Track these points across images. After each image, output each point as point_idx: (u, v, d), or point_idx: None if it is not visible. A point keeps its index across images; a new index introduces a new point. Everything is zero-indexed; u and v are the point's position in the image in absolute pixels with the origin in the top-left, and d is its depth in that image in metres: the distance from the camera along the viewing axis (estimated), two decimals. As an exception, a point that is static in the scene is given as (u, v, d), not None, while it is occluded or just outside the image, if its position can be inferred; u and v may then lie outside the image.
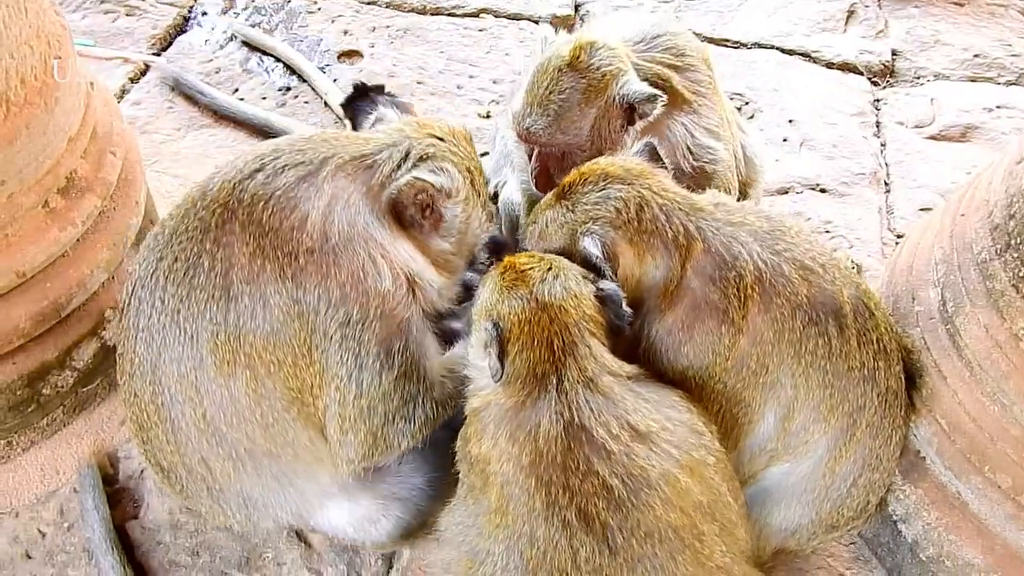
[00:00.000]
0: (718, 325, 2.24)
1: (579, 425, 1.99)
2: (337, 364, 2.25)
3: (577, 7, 4.88)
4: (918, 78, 4.67)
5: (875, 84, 4.64)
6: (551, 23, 4.73)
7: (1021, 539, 2.44)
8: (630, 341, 2.31)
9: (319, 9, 4.68)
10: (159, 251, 2.28)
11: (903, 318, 2.71)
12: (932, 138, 4.33)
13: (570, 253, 2.33)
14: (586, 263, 2.28)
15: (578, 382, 2.05)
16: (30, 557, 2.76)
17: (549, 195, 2.48)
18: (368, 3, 4.77)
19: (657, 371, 2.29)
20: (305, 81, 4.27)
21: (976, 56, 4.74)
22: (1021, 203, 2.35)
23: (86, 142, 2.74)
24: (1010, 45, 4.80)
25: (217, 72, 4.30)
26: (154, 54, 4.40)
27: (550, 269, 2.19)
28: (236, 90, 4.24)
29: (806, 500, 2.45)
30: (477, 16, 4.77)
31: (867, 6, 5.01)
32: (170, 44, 4.52)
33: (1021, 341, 2.31)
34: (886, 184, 4.14)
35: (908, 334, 2.66)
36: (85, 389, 2.98)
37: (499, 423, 2.07)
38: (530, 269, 2.19)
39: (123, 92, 4.27)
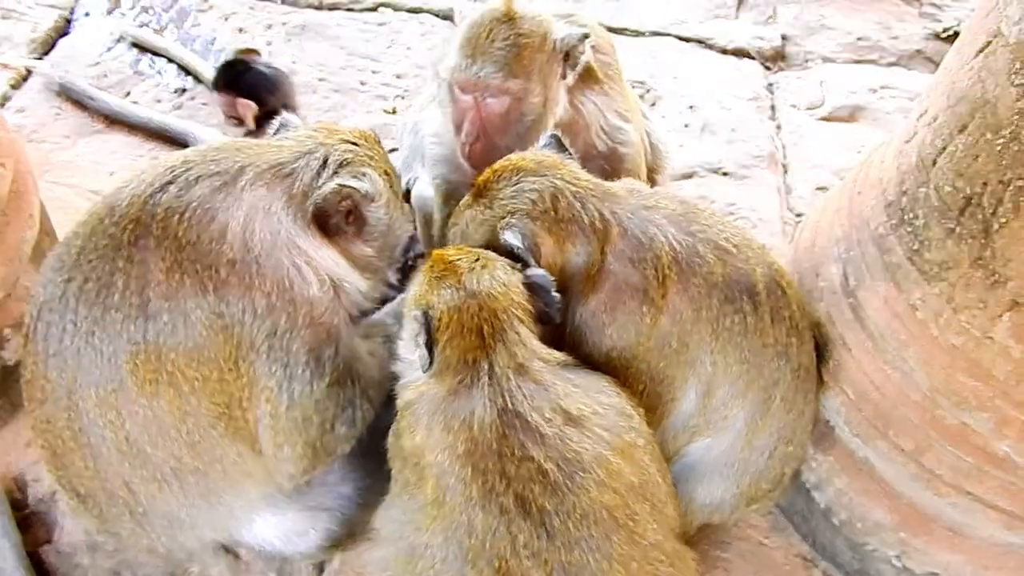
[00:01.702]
0: (639, 305, 2.30)
1: (513, 411, 2.01)
2: (266, 376, 2.20)
3: None
4: (807, 62, 4.87)
5: (767, 68, 4.81)
6: (450, 16, 4.71)
7: (924, 497, 2.59)
8: (555, 328, 2.34)
9: (211, 7, 4.54)
10: (66, 272, 2.17)
11: (808, 294, 2.83)
12: (823, 119, 4.52)
13: (494, 249, 2.35)
14: (510, 256, 2.30)
15: (509, 368, 2.07)
16: (-66, 592, 2.62)
17: (467, 196, 2.49)
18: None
19: (583, 355, 2.33)
20: (201, 82, 4.13)
21: (859, 39, 4.97)
22: (911, 180, 2.48)
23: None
24: (889, 28, 5.05)
25: (106, 76, 4.13)
26: (36, 58, 4.19)
27: (477, 260, 2.20)
28: (128, 93, 4.08)
29: (727, 474, 2.54)
30: (375, 11, 4.72)
31: (757, -9, 5.19)
32: (52, 47, 4.31)
33: (917, 311, 2.44)
34: (783, 165, 4.30)
35: (814, 309, 2.78)
36: (-15, 413, 2.83)
37: (433, 413, 2.07)
38: (458, 260, 2.19)
39: (4, 99, 4.05)
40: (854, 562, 2.89)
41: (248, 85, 3.78)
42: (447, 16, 4.74)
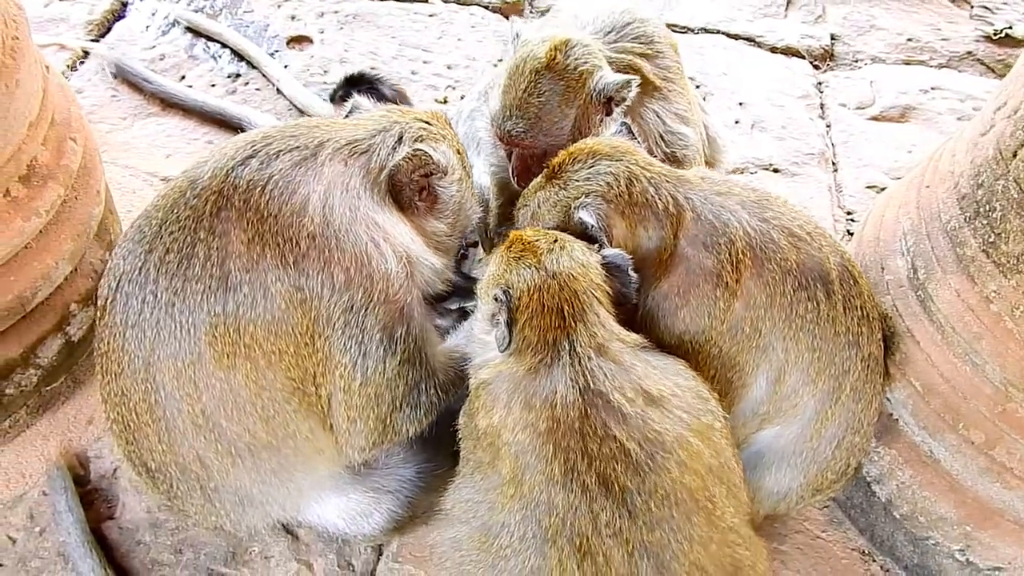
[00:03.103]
0: (713, 289, 2.29)
1: (595, 391, 2.00)
2: (341, 351, 2.21)
3: (525, -8, 4.90)
4: (856, 61, 4.85)
5: (816, 68, 4.79)
6: (500, 10, 4.73)
7: (992, 491, 2.57)
8: (627, 312, 2.33)
9: (264, -6, 4.58)
10: (147, 243, 2.19)
11: (873, 287, 2.81)
12: (873, 119, 4.50)
13: (565, 231, 2.34)
14: (583, 238, 2.30)
15: (590, 348, 2.07)
16: (1, 564, 2.63)
17: (538, 178, 2.48)
18: (315, -12, 4.68)
19: (654, 339, 2.32)
20: (255, 68, 4.16)
21: (909, 40, 4.94)
22: (988, 173, 2.46)
23: (46, 128, 2.62)
24: (940, 29, 5.02)
25: (162, 59, 4.16)
26: (92, 40, 4.22)
27: (556, 241, 2.20)
28: (183, 77, 4.11)
29: (795, 463, 2.53)
30: (426, 2, 4.73)
31: (807, -9, 5.17)
32: (108, 30, 4.34)
33: (992, 304, 2.42)
34: (833, 164, 4.28)
35: (880, 302, 2.76)
36: (49, 388, 2.85)
37: (512, 392, 2.06)
38: (536, 241, 2.19)
39: (61, 81, 4.08)
40: (914, 556, 2.87)
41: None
42: (497, 9, 4.75)
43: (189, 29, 4.28)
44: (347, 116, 2.60)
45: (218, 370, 2.16)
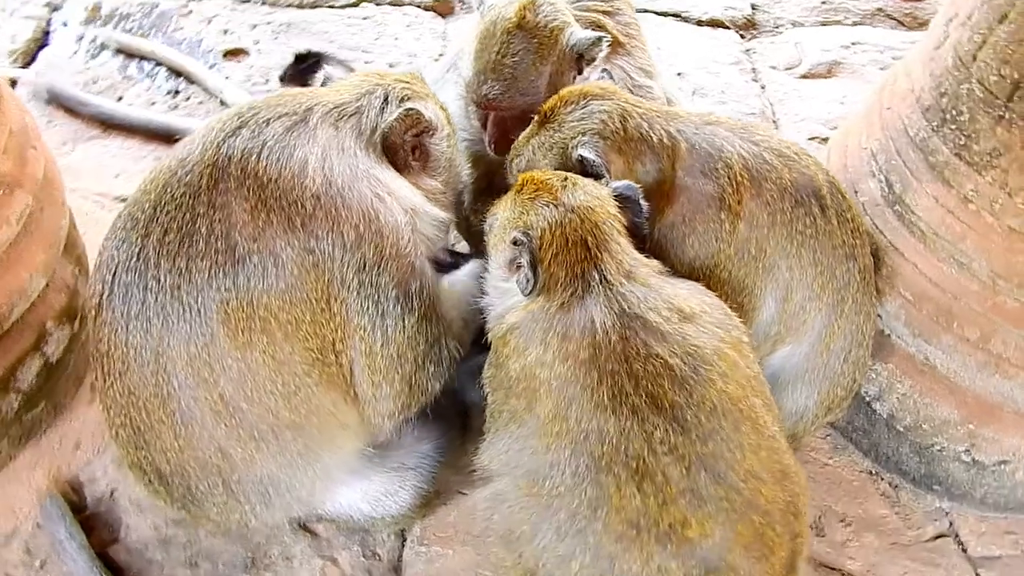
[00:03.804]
0: (717, 212, 2.33)
1: (632, 313, 2.01)
2: (359, 313, 2.16)
3: (455, -12, 4.94)
4: (778, 27, 5.03)
5: (742, 36, 4.96)
6: (433, 8, 4.76)
7: (991, 385, 2.67)
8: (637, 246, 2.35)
9: (191, 11, 4.48)
10: (141, 228, 2.10)
11: (850, 211, 2.91)
12: (803, 77, 4.67)
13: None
14: (583, 176, 2.31)
15: (620, 275, 2.08)
16: (6, 602, 2.47)
17: (531, 126, 2.49)
18: (243, 1, 4.61)
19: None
20: (194, 82, 4.06)
21: (823, 3, 5.17)
22: (950, 81, 2.59)
23: (6, 137, 2.50)
24: (850, -10, 5.28)
25: (95, 82, 4.02)
26: (19, 68, 4.06)
27: (567, 178, 2.21)
28: (120, 98, 3.98)
29: (809, 380, 2.58)
30: (357, 6, 4.72)
31: (723, -36, 5.35)
32: (34, 58, 4.18)
33: (970, 203, 2.54)
34: (774, 121, 4.42)
35: (860, 223, 2.86)
36: (30, 415, 2.69)
37: (547, 329, 2.05)
38: (549, 180, 2.20)
39: (-11, 114, 3.90)
40: (920, 467, 2.95)
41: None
42: (430, 7, 4.77)
43: (120, 50, 4.16)
44: (321, 86, 2.56)
45: (234, 349, 2.08)
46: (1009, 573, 2.86)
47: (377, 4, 4.75)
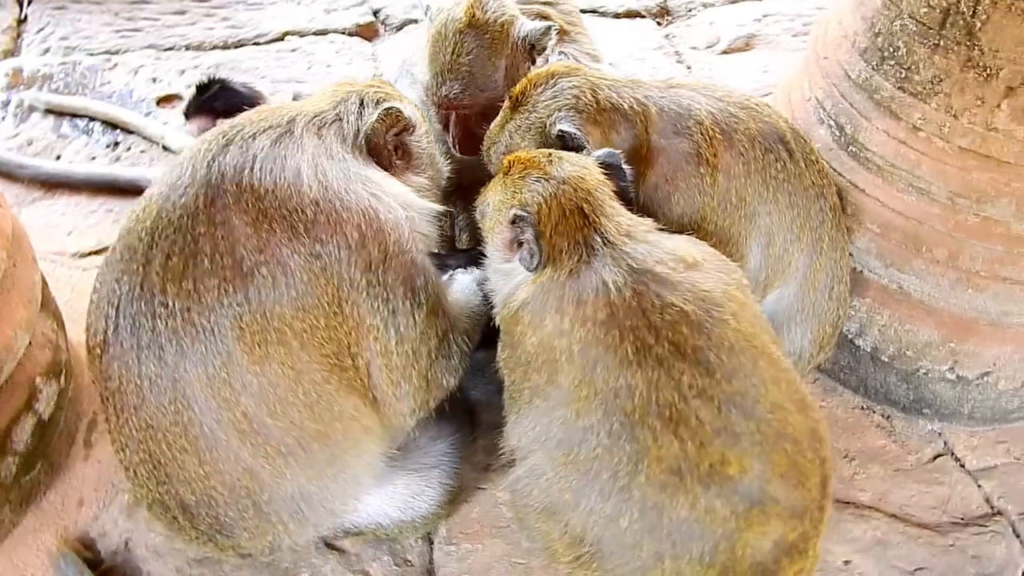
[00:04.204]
0: (696, 167, 2.43)
1: (640, 268, 2.06)
2: (371, 313, 2.17)
3: (376, 13, 4.97)
4: (691, 11, 5.23)
5: (659, 23, 5.13)
6: (357, 33, 4.80)
7: (965, 300, 2.81)
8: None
9: (115, 64, 4.40)
10: (141, 257, 2.07)
11: (805, 159, 3.04)
12: (724, 53, 4.86)
13: None
14: (565, 150, 2.37)
15: (621, 235, 2.13)
16: (36, 669, 2.37)
17: (501, 112, 2.54)
18: (167, 49, 4.56)
19: (655, 230, 2.42)
20: (132, 132, 4.00)
21: (729, -17, 5.40)
22: (882, 20, 2.75)
23: (-30, 196, 2.44)
24: (750, -32, 5.51)
25: (29, 144, 3.91)
26: (-54, 143, 3.93)
27: (550, 154, 2.26)
28: (59, 156, 3.88)
29: (800, 319, 2.69)
30: (282, 40, 4.72)
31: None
32: (-41, 130, 4.05)
33: (920, 131, 2.69)
34: (705, 97, 4.57)
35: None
36: (28, 477, 2.59)
37: (560, 297, 2.09)
38: (534, 157, 2.25)
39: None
40: (909, 393, 3.08)
41: (227, 105, 3.57)
42: (354, 33, 4.80)
43: (50, 110, 4.06)
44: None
45: (252, 364, 2.06)
46: (1007, 480, 3.01)
47: (301, 36, 4.76)
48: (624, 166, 2.29)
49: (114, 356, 2.10)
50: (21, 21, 4.69)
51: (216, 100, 3.49)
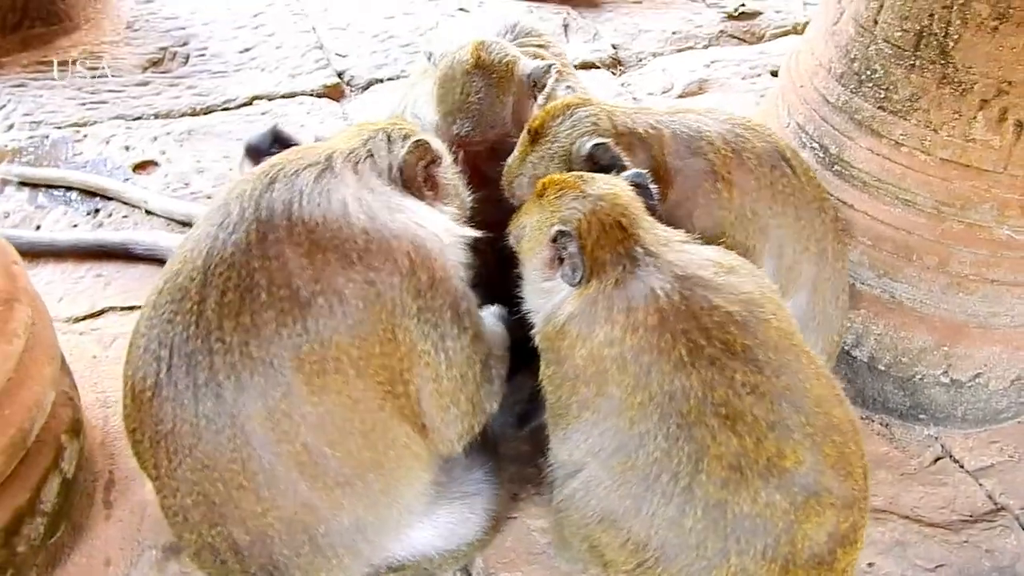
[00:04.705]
0: (713, 184, 2.55)
1: (685, 274, 2.15)
2: (422, 339, 2.20)
3: (340, 74, 5.07)
4: (641, 60, 5.48)
5: (614, 73, 5.35)
6: (325, 94, 4.87)
7: (955, 304, 2.98)
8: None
9: (85, 136, 4.36)
10: (194, 295, 2.08)
11: (792, 182, 3.21)
12: (680, 97, 5.09)
13: None
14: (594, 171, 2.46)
15: (660, 245, 2.22)
16: None
17: (519, 146, 2.64)
18: (135, 119, 4.54)
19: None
20: (112, 198, 3.95)
21: (674, 33, 5.68)
22: (857, 47, 2.97)
23: (-12, 255, 2.40)
24: (691, 20, 5.83)
25: (6, 216, 3.83)
26: (-82, 219, 3.81)
27: (581, 176, 2.35)
28: (38, 227, 3.81)
29: (812, 328, 2.80)
30: (250, 104, 4.76)
31: (575, 19, 5.77)
32: (-71, 207, 3.94)
33: (903, 146, 2.89)
34: (668, 139, 4.78)
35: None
36: (53, 539, 2.49)
37: (609, 306, 2.15)
38: (567, 179, 2.33)
39: None
40: (906, 400, 3.22)
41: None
42: (322, 94, 4.88)
43: (24, 183, 3.99)
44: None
45: (311, 395, 2.07)
46: (1005, 477, 3.17)
47: (270, 99, 4.80)
48: (651, 186, 2.39)
49: (167, 398, 2.07)
50: (-21, 100, 4.62)
51: (272, 146, 3.47)
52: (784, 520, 2.06)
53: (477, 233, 2.40)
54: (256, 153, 2.96)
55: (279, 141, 2.90)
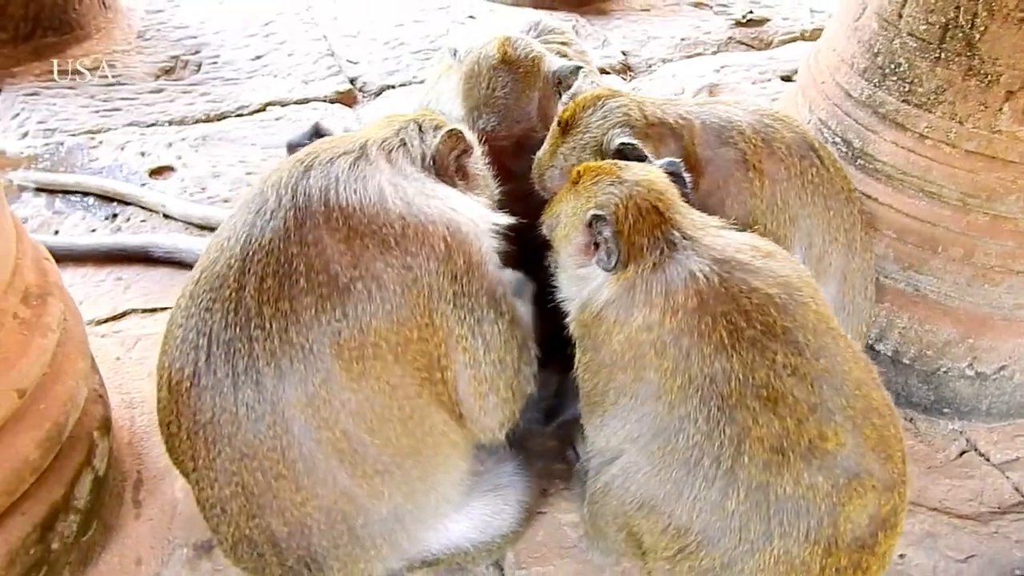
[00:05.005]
0: (744, 173, 2.56)
1: (723, 258, 2.15)
2: (459, 324, 2.19)
3: (352, 81, 5.09)
4: (651, 66, 5.51)
5: (624, 79, 5.38)
6: (337, 100, 4.89)
7: (980, 296, 2.99)
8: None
9: (100, 142, 4.37)
10: (232, 283, 2.07)
11: (814, 176, 3.23)
12: (692, 101, 5.12)
13: None
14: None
15: (697, 229, 2.23)
16: None
17: (550, 138, 2.65)
18: (150, 125, 4.55)
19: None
20: (129, 203, 3.95)
21: (683, 39, 5.72)
22: (880, 41, 2.98)
23: (23, 247, 2.39)
24: (700, 27, 5.87)
25: (25, 222, 3.82)
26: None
27: (616, 163, 2.35)
28: (56, 231, 3.81)
29: (842, 318, 2.79)
30: (264, 110, 4.77)
31: (584, 26, 5.81)
32: (-52, 212, 3.92)
33: (927, 138, 2.90)
34: (681, 142, 4.80)
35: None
36: (85, 537, 2.47)
37: (648, 290, 2.14)
38: (603, 166, 2.33)
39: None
40: (930, 394, 3.22)
41: None
42: (334, 100, 4.89)
43: (41, 189, 3.98)
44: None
45: (350, 381, 2.06)
46: (1030, 471, 3.16)
47: (283, 105, 4.82)
48: (684, 174, 2.40)
49: (206, 387, 2.06)
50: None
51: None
52: (826, 502, 2.05)
53: (511, 219, 2.40)
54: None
55: (320, 138, 2.88)
